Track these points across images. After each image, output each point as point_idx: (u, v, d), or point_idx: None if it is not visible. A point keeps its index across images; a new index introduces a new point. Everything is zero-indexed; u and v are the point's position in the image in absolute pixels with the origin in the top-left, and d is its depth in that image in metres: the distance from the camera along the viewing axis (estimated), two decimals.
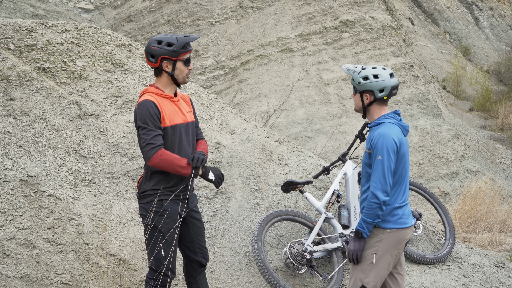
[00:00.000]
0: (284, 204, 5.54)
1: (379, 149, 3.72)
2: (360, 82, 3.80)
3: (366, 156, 3.87)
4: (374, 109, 3.87)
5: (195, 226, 4.02)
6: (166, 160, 3.67)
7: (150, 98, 3.75)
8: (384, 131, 3.77)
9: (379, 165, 3.71)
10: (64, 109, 5.60)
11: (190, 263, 4.05)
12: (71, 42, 6.20)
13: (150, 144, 3.67)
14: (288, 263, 4.93)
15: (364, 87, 3.80)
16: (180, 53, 3.77)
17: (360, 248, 3.79)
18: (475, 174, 12.15)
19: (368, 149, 3.84)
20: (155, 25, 14.95)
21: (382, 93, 3.81)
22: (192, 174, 3.75)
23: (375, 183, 3.72)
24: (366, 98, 3.84)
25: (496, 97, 19.47)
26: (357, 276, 3.84)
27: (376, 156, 3.73)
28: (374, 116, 3.88)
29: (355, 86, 3.84)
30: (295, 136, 11.89)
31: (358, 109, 3.91)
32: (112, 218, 5.01)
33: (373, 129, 3.86)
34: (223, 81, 13.59)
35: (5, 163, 5.05)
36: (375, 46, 13.57)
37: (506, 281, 5.56)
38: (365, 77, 3.80)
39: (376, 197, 3.71)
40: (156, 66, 3.81)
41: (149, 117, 3.69)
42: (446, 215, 5.88)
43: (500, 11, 28.86)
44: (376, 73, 3.81)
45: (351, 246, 3.80)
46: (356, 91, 3.86)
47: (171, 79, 3.84)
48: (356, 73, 3.81)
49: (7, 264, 4.49)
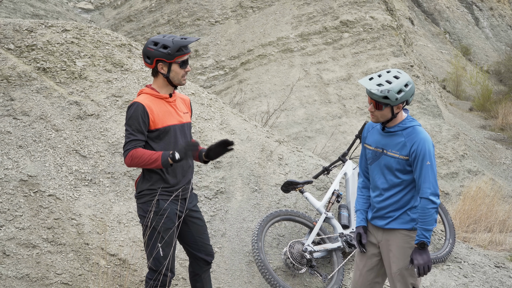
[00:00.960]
0: (284, 204, 5.54)
1: (427, 155, 3.66)
2: (397, 98, 3.64)
3: (397, 162, 3.73)
4: (400, 114, 3.78)
5: (196, 225, 4.01)
6: (137, 157, 3.69)
7: (142, 101, 3.77)
8: (425, 136, 3.72)
9: (430, 170, 3.65)
10: (64, 109, 5.60)
11: (196, 261, 4.05)
12: (71, 42, 6.20)
13: (125, 146, 3.74)
14: (288, 263, 4.93)
15: (400, 100, 3.66)
16: (175, 56, 3.74)
17: (429, 258, 3.68)
18: (475, 174, 12.15)
19: (405, 155, 3.71)
20: (155, 25, 14.95)
21: (412, 97, 3.77)
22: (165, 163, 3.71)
23: (428, 189, 3.63)
24: (397, 108, 3.71)
25: (496, 97, 19.48)
26: (408, 281, 3.78)
27: (423, 162, 3.65)
28: (397, 119, 3.78)
29: (389, 104, 3.65)
30: (295, 136, 11.89)
31: (384, 119, 3.75)
32: (112, 218, 5.01)
33: (404, 134, 3.74)
34: (223, 81, 13.59)
35: (5, 163, 5.05)
36: (375, 46, 13.57)
37: (506, 281, 5.56)
38: (399, 90, 3.65)
39: (434, 202, 3.64)
40: (151, 67, 3.82)
41: (133, 121, 3.73)
42: (446, 215, 5.88)
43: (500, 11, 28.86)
44: (406, 81, 3.68)
45: (419, 260, 3.65)
46: (385, 106, 3.68)
47: (167, 81, 3.84)
48: (392, 92, 3.62)
49: (7, 264, 4.49)
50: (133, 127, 3.72)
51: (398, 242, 3.80)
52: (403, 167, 3.73)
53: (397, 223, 3.80)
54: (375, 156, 3.84)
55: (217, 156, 3.89)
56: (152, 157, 3.69)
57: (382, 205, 3.82)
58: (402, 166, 3.73)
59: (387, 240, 3.84)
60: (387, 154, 3.77)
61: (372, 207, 3.92)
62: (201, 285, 4.09)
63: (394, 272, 3.79)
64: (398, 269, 3.78)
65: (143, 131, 3.74)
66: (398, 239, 3.80)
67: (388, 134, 3.80)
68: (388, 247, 3.83)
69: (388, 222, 3.82)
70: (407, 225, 3.79)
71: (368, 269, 3.95)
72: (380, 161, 3.81)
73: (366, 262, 3.95)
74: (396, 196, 3.78)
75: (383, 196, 3.82)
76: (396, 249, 3.80)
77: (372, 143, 3.87)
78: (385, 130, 3.80)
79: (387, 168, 3.78)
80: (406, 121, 3.78)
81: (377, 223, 3.87)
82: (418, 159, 3.67)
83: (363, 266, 3.97)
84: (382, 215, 3.83)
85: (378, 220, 3.86)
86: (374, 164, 3.86)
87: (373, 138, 3.88)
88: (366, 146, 3.94)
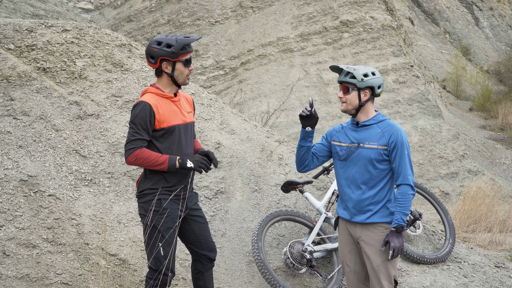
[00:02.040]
0: (284, 204, 5.55)
1: (404, 143, 3.82)
2: (362, 79, 3.83)
3: (376, 152, 3.83)
4: (369, 107, 3.92)
5: (197, 222, 4.02)
6: (142, 158, 3.70)
7: (148, 100, 3.76)
8: (399, 127, 3.89)
9: (407, 158, 3.82)
10: (64, 109, 5.60)
11: (199, 258, 4.05)
12: (71, 42, 6.20)
13: (129, 144, 3.73)
14: (288, 263, 4.93)
15: (366, 83, 3.84)
16: (179, 54, 3.76)
17: (403, 242, 3.80)
18: (475, 174, 12.15)
19: (383, 145, 3.83)
20: (155, 25, 14.95)
21: (379, 89, 3.92)
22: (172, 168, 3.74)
23: (409, 176, 3.79)
24: (364, 95, 3.87)
25: (496, 97, 19.48)
26: (391, 273, 3.86)
27: (402, 151, 3.80)
28: (369, 114, 3.92)
29: (355, 84, 3.83)
30: (295, 136, 11.90)
31: (352, 108, 3.89)
32: (112, 218, 5.01)
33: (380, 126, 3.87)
34: (223, 81, 13.59)
35: (5, 163, 5.05)
36: (375, 46, 13.57)
37: (506, 281, 5.56)
38: (365, 74, 3.85)
39: (413, 188, 3.80)
40: (156, 67, 3.81)
41: (139, 119, 3.72)
42: (446, 215, 5.88)
43: (500, 11, 28.86)
44: (372, 70, 3.90)
45: (396, 243, 3.75)
46: (352, 89, 3.86)
47: (171, 80, 3.84)
48: (357, 71, 3.84)
49: (7, 264, 4.49)
50: (139, 126, 3.72)
51: (379, 236, 3.86)
52: (381, 157, 3.84)
53: (378, 217, 3.86)
54: (350, 151, 3.91)
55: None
56: (158, 159, 3.70)
57: (361, 198, 3.88)
58: (380, 156, 3.84)
59: (366, 235, 3.88)
60: (364, 147, 3.87)
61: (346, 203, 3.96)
62: (204, 283, 4.09)
63: (378, 265, 3.85)
64: (381, 261, 3.85)
65: (148, 130, 3.74)
66: (379, 232, 3.86)
67: (363, 128, 3.92)
68: (368, 241, 3.88)
69: (369, 216, 3.87)
70: (387, 219, 3.86)
71: (359, 264, 4.01)
72: (356, 156, 3.89)
73: (355, 259, 4.01)
74: (374, 189, 3.86)
75: (362, 189, 3.88)
76: (377, 243, 3.85)
77: (345, 140, 3.95)
78: (359, 125, 3.92)
79: (366, 160, 3.86)
80: (379, 116, 3.95)
81: (356, 219, 3.91)
82: (397, 148, 3.81)
83: (354, 264, 4.01)
84: (361, 209, 3.88)
85: (357, 215, 3.90)
86: (349, 160, 3.92)
87: (346, 136, 3.97)
88: (335, 143, 4.00)
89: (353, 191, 3.91)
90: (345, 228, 4.02)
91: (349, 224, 3.99)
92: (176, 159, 3.72)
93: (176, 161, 3.72)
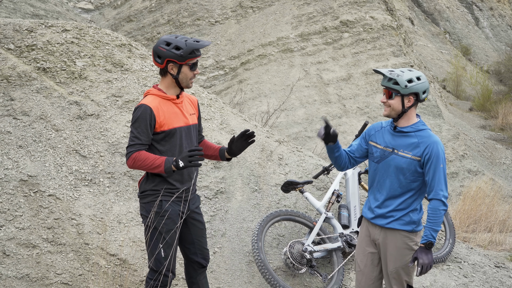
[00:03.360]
0: (284, 204, 5.54)
1: (440, 157, 3.72)
2: (406, 85, 3.71)
3: (408, 162, 3.76)
4: (412, 112, 3.82)
5: (196, 227, 4.01)
6: (140, 160, 3.68)
7: (149, 103, 3.73)
8: (438, 139, 3.78)
9: (442, 173, 3.72)
10: (64, 109, 5.60)
11: (191, 263, 4.05)
12: (71, 42, 6.20)
13: (128, 148, 3.72)
14: (288, 263, 4.93)
15: (410, 90, 3.72)
16: (187, 58, 3.70)
17: (432, 259, 3.73)
18: (475, 174, 12.15)
19: (417, 156, 3.74)
20: (155, 25, 14.95)
21: (424, 95, 3.81)
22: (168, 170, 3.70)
23: (441, 191, 3.71)
24: (408, 101, 3.76)
25: (496, 97, 19.48)
26: (402, 278, 3.85)
27: (437, 164, 3.71)
28: (411, 120, 3.83)
29: (398, 90, 3.72)
30: (295, 136, 11.89)
31: (395, 113, 3.79)
32: (112, 218, 5.01)
33: (417, 136, 3.79)
34: (223, 81, 13.59)
35: (5, 163, 5.05)
36: (375, 46, 13.57)
37: (506, 281, 5.56)
38: (409, 79, 3.74)
39: (445, 204, 3.72)
40: (161, 67, 3.78)
41: (139, 123, 3.70)
42: (446, 215, 5.88)
43: (500, 11, 28.86)
44: (418, 75, 3.78)
45: (424, 259, 3.68)
46: (395, 95, 3.76)
47: (175, 82, 3.82)
48: (401, 77, 3.72)
49: (7, 264, 4.49)
50: (139, 130, 3.69)
51: (397, 243, 3.83)
52: (413, 168, 3.75)
53: (398, 224, 3.82)
54: (383, 155, 3.85)
55: (241, 151, 3.90)
56: (155, 162, 3.67)
57: (386, 203, 3.84)
58: (413, 167, 3.75)
59: (385, 239, 3.87)
60: (397, 154, 3.80)
61: (373, 205, 3.93)
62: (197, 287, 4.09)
63: (391, 271, 3.85)
64: (394, 267, 3.83)
65: (148, 134, 3.72)
66: (396, 239, 3.83)
67: (400, 135, 3.83)
68: (385, 246, 3.87)
69: (390, 221, 3.84)
70: (408, 227, 3.82)
71: (369, 267, 3.98)
72: (388, 161, 3.83)
73: (367, 260, 3.98)
74: (401, 197, 3.81)
75: (388, 195, 3.83)
76: (394, 250, 3.83)
77: (381, 143, 3.88)
78: (397, 130, 3.84)
79: (396, 168, 3.79)
80: (419, 124, 3.84)
81: (378, 222, 3.89)
82: (432, 161, 3.71)
83: (364, 265, 3.99)
84: (384, 213, 3.85)
85: (379, 219, 3.88)
86: (381, 163, 3.86)
87: (383, 138, 3.89)
88: (372, 144, 3.94)
89: (380, 194, 3.88)
90: (366, 228, 4.00)
91: (370, 225, 3.97)
92: (172, 162, 3.66)
93: (171, 164, 3.66)
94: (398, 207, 3.81)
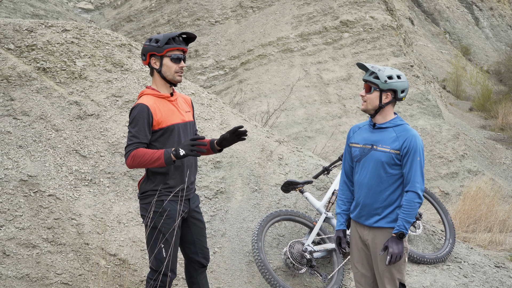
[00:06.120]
0: (284, 204, 5.54)
1: (418, 150, 3.76)
2: (386, 80, 3.78)
3: (387, 156, 3.80)
4: (389, 110, 3.87)
5: (196, 226, 4.01)
6: (139, 157, 3.67)
7: (146, 102, 3.75)
8: (416, 133, 3.83)
9: (419, 165, 3.76)
10: (64, 109, 5.60)
11: (191, 263, 4.05)
12: (71, 42, 6.20)
13: (126, 148, 3.72)
14: (288, 263, 4.93)
15: (389, 86, 3.79)
16: (165, 48, 3.75)
17: (403, 249, 3.78)
18: (475, 174, 12.15)
19: (396, 149, 3.78)
20: (155, 25, 14.94)
21: (403, 94, 3.86)
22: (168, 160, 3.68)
23: (417, 183, 3.74)
24: (385, 97, 3.82)
25: (496, 97, 19.47)
26: (395, 276, 3.85)
27: (414, 157, 3.75)
28: (387, 116, 3.88)
29: (378, 84, 3.79)
30: (295, 136, 11.90)
31: (372, 108, 3.85)
32: (112, 218, 5.01)
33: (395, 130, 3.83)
34: (223, 81, 13.59)
35: (5, 163, 5.05)
36: (375, 46, 13.57)
37: (506, 281, 5.56)
38: (389, 76, 3.80)
39: (420, 197, 3.75)
40: (146, 63, 3.83)
41: (137, 123, 3.71)
42: (446, 215, 5.88)
43: (500, 11, 28.86)
44: (399, 74, 3.85)
45: (394, 249, 3.72)
46: (374, 89, 3.82)
47: (162, 79, 3.84)
48: (382, 71, 3.80)
49: (7, 264, 4.49)
50: (137, 129, 3.70)
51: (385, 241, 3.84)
52: (393, 161, 3.80)
53: (385, 222, 3.84)
54: (363, 153, 3.89)
55: (231, 144, 3.90)
56: (154, 155, 3.66)
57: (369, 201, 3.86)
58: (392, 160, 3.79)
59: (374, 238, 3.88)
60: (376, 149, 3.84)
61: (357, 205, 3.95)
62: (198, 287, 4.09)
63: (382, 269, 3.86)
64: (386, 266, 3.84)
65: (146, 133, 3.73)
66: (385, 238, 3.85)
67: (379, 130, 3.88)
68: (375, 245, 3.88)
69: (376, 220, 3.85)
70: (395, 224, 3.83)
71: (366, 266, 3.99)
72: (368, 157, 3.86)
73: (363, 261, 4.00)
74: (384, 193, 3.83)
75: (371, 193, 3.85)
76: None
77: (360, 141, 3.93)
78: (376, 127, 3.89)
79: (376, 163, 3.83)
80: (397, 119, 3.90)
81: (364, 222, 3.90)
82: (409, 153, 3.76)
83: (361, 266, 4.00)
84: (369, 212, 3.87)
85: (365, 218, 3.90)
86: (362, 160, 3.90)
87: (361, 137, 3.94)
88: (352, 145, 3.99)
89: (363, 194, 3.89)
90: (355, 230, 4.01)
91: (358, 226, 3.98)
92: (171, 152, 3.65)
93: (171, 154, 3.65)
94: (382, 205, 3.83)
